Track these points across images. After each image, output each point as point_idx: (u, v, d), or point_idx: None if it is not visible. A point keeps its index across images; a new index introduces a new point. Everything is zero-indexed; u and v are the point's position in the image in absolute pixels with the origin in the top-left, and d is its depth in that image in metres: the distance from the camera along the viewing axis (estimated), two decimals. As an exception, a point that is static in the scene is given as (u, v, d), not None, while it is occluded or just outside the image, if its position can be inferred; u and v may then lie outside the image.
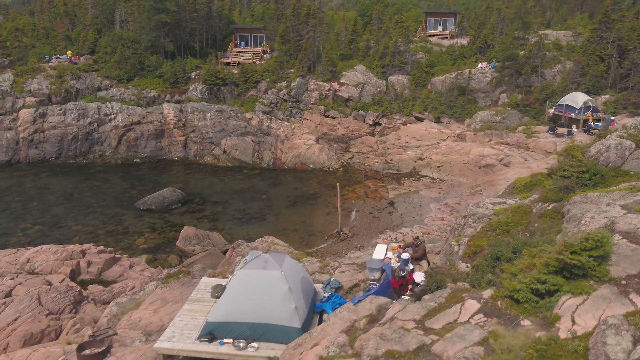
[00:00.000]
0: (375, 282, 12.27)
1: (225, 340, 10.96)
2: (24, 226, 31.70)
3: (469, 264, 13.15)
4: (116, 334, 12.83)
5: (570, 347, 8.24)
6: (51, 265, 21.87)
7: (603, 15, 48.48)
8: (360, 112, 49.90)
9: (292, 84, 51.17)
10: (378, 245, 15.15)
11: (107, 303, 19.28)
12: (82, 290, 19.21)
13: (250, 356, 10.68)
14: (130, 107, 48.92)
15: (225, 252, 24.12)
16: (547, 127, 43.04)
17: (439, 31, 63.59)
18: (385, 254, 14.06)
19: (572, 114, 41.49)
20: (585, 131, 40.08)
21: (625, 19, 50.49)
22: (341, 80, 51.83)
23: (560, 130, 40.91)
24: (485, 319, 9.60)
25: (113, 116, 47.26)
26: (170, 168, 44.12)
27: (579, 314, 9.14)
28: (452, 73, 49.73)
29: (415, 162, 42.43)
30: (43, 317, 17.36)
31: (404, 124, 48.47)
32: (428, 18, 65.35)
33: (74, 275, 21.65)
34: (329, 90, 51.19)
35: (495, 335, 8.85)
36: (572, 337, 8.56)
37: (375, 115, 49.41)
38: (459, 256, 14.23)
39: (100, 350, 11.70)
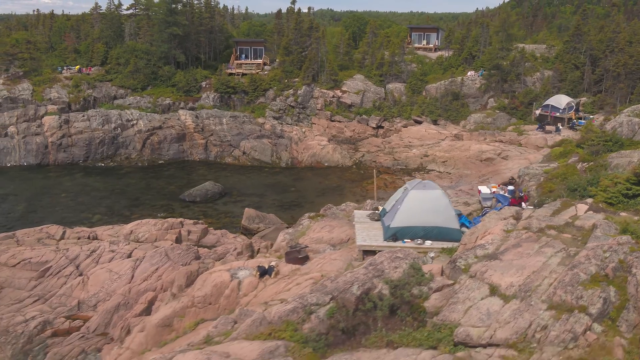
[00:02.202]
0: (488, 208, 16.38)
1: (406, 239, 14.79)
2: (84, 216, 34.26)
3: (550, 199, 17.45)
4: (307, 246, 16.32)
5: (666, 217, 12.57)
6: (155, 234, 24.97)
7: (575, 28, 54.86)
8: (364, 116, 54.37)
9: (299, 92, 55.23)
10: (480, 186, 19.35)
11: (217, 260, 22.64)
12: (198, 249, 22.51)
13: (428, 248, 14.52)
14: (148, 113, 51.77)
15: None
16: (533, 127, 48.48)
17: (423, 45, 69.10)
18: (491, 190, 18.28)
19: (557, 114, 47.07)
20: (570, 128, 45.63)
21: (591, 32, 57.12)
22: (343, 88, 56.25)
23: (549, 127, 46.32)
24: (595, 213, 13.85)
25: (134, 122, 49.98)
26: (196, 168, 47.18)
27: (661, 204, 13.53)
28: (445, 80, 54.98)
29: (421, 158, 46.99)
30: (180, 266, 20.64)
31: (405, 126, 53.20)
32: (412, 33, 70.82)
33: (178, 241, 24.79)
34: (333, 97, 55.52)
35: (610, 218, 13.08)
36: (663, 213, 12.92)
37: (377, 119, 53.96)
38: (534, 197, 18.50)
39: (302, 256, 15.21)
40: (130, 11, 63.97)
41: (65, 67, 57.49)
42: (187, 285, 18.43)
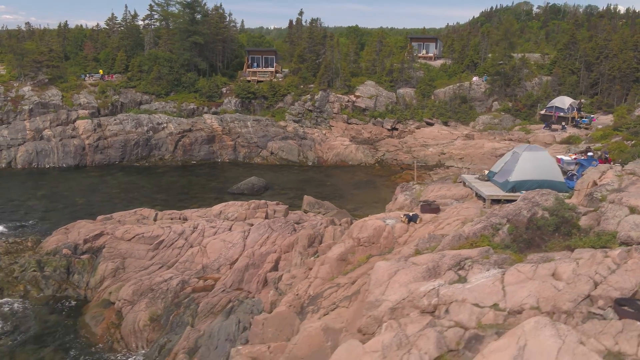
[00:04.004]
0: (572, 172, 19.72)
1: (523, 191, 17.91)
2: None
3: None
4: (435, 201, 19.21)
5: None
6: (244, 213, 27.52)
7: (570, 37, 59.69)
8: (378, 119, 57.79)
9: (316, 97, 58.36)
10: (558, 156, 22.71)
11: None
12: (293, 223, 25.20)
13: (543, 197, 17.70)
14: (175, 118, 54.09)
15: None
16: (539, 126, 52.64)
17: (423, 54, 73.21)
18: (571, 158, 21.65)
19: (561, 113, 51.34)
20: (574, 126, 49.88)
21: (582, 41, 62.16)
22: (357, 94, 59.68)
23: (555, 126, 50.48)
24: (674, 165, 17.24)
25: (165, 125, 52.24)
26: (228, 167, 49.67)
27: None
28: (453, 85, 58.97)
29: (439, 156, 50.54)
30: (288, 234, 23.35)
31: (418, 128, 56.80)
32: (412, 43, 74.88)
33: (267, 219, 27.38)
34: (348, 101, 58.84)
35: (691, 167, 16.47)
36: None
37: (391, 121, 57.41)
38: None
39: (434, 207, 18.12)
40: (147, 21, 66.34)
41: (88, 75, 59.37)
42: (308, 245, 21.19)
